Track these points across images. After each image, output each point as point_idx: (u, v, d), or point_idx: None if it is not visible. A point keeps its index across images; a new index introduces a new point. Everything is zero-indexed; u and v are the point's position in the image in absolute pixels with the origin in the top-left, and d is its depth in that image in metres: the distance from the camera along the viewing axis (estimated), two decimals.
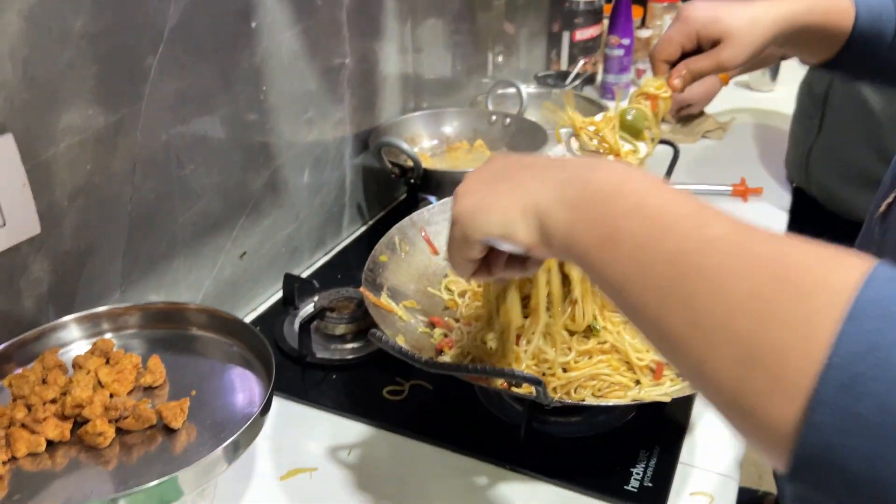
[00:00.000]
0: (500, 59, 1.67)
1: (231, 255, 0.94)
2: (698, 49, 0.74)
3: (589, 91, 1.83)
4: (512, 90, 1.43)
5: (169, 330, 0.72)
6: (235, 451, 0.59)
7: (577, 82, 1.71)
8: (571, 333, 0.73)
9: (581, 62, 1.77)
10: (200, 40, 0.81)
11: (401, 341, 0.72)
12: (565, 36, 1.79)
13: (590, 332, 0.73)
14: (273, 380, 0.64)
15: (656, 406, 0.62)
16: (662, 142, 0.91)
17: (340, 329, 0.90)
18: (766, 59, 1.59)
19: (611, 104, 1.47)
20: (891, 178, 0.66)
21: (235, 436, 0.57)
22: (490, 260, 0.52)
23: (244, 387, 0.67)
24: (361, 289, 0.77)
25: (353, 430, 0.78)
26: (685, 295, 0.34)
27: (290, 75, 0.97)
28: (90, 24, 0.67)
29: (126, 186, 0.76)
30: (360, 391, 0.83)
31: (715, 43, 0.73)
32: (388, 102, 1.23)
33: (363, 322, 0.89)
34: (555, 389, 0.71)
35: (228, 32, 0.85)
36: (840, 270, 0.31)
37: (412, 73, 1.29)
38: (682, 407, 0.78)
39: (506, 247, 0.46)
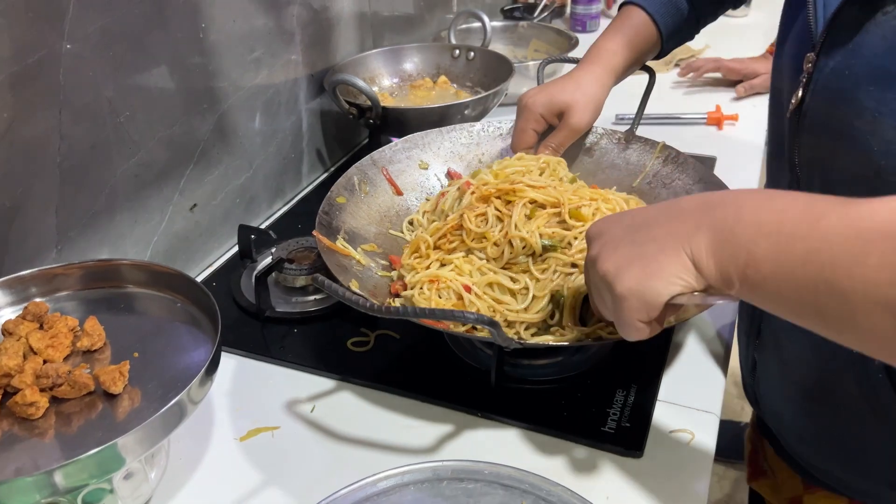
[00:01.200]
0: None
1: (180, 208, 0.88)
2: (550, 127, 0.87)
3: (558, 24, 1.76)
4: (476, 24, 1.36)
5: (107, 290, 0.67)
6: (181, 413, 0.54)
7: (545, 14, 1.64)
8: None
9: None
10: None
11: (354, 286, 0.68)
12: None
13: (548, 251, 0.69)
14: (219, 335, 0.59)
15: (633, 343, 0.59)
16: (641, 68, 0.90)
17: (301, 281, 0.85)
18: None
19: (581, 36, 1.40)
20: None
21: (178, 397, 0.53)
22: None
23: (191, 345, 0.62)
24: (314, 232, 0.72)
25: (316, 386, 0.74)
26: (829, 286, 0.39)
27: (232, 10, 0.90)
28: None
29: (52, 135, 0.70)
30: (323, 344, 0.78)
31: (560, 115, 0.85)
32: (343, 40, 1.16)
33: (325, 272, 0.84)
34: (517, 332, 0.67)
35: None
36: None
37: (369, 9, 1.21)
38: (659, 343, 0.75)
39: (683, 300, 0.49)
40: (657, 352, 0.75)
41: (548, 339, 0.66)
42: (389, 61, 1.22)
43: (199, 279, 0.90)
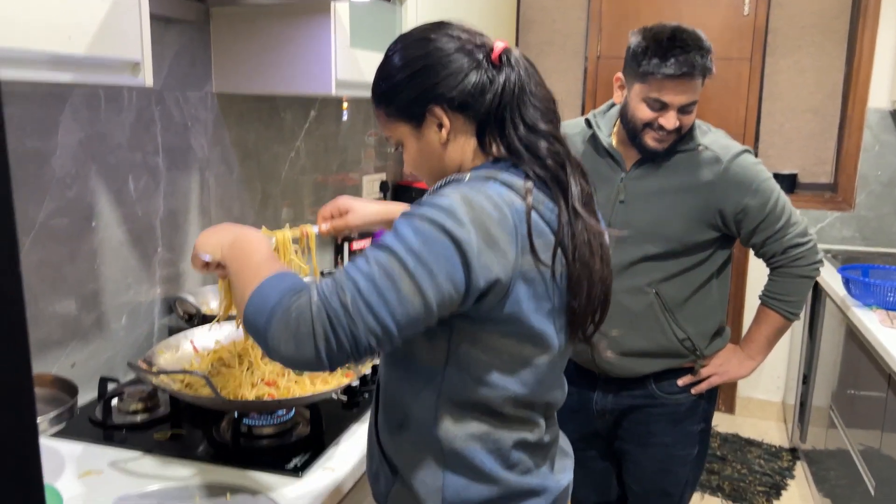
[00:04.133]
0: None
1: (64, 364, 1.47)
2: (340, 215, 1.36)
3: None
4: None
5: None
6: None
7: None
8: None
9: None
10: (57, 231, 1.41)
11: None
12: None
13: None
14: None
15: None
16: None
17: (133, 406, 1.43)
18: None
19: None
20: None
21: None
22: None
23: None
24: (132, 364, 1.32)
25: (130, 454, 1.29)
26: (239, 291, 0.95)
27: (119, 256, 1.58)
28: None
29: None
30: (139, 437, 1.35)
31: (344, 213, 1.35)
32: (191, 275, 1.85)
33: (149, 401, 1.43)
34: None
35: (73, 226, 1.46)
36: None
37: None
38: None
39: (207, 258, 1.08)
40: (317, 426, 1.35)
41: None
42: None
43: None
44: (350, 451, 1.32)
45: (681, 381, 1.68)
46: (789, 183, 3.36)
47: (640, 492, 1.77)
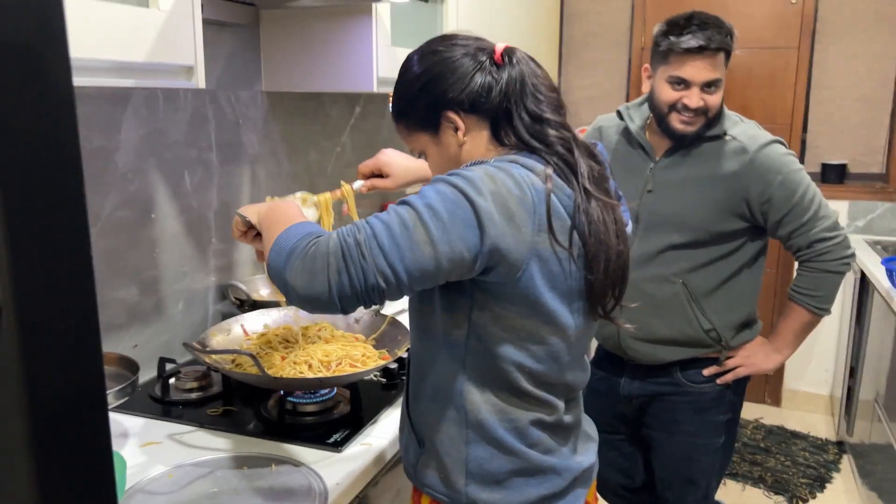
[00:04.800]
0: None
1: (126, 345, 1.59)
2: (381, 174, 1.43)
3: None
4: None
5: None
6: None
7: None
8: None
9: None
10: (121, 222, 1.53)
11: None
12: None
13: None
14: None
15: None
16: None
17: (189, 384, 1.54)
18: None
19: None
20: None
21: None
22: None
23: None
24: (188, 345, 1.43)
25: (185, 427, 1.40)
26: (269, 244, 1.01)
27: (176, 246, 1.70)
28: None
29: None
30: (193, 413, 1.46)
31: (385, 176, 1.42)
32: (243, 263, 1.96)
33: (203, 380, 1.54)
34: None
35: (134, 218, 1.58)
36: None
37: None
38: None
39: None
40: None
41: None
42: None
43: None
44: (387, 428, 1.40)
45: (706, 371, 1.71)
46: (838, 173, 3.31)
47: (665, 478, 1.81)
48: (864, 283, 2.89)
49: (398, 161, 1.43)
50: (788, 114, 3.37)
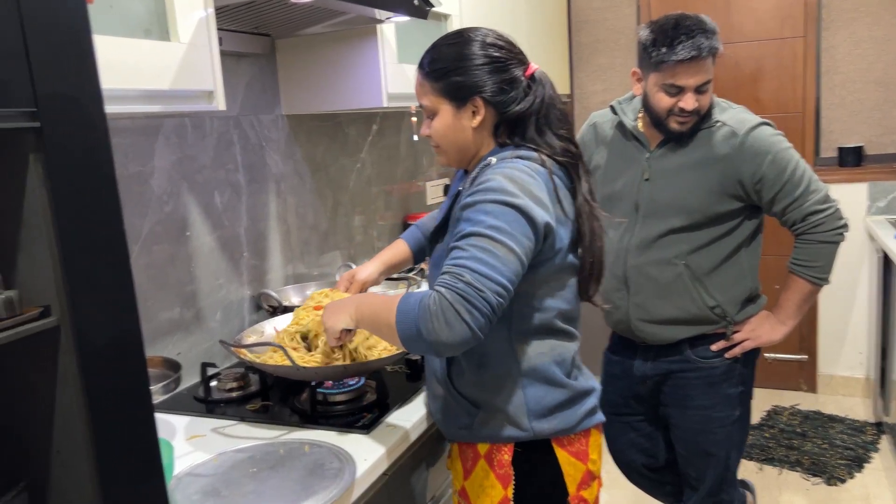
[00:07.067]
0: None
1: (171, 353, 1.73)
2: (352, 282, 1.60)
3: None
4: None
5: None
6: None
7: None
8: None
9: None
10: (159, 239, 1.68)
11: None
12: None
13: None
14: None
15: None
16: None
17: (229, 385, 1.67)
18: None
19: None
20: None
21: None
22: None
23: None
24: (224, 342, 1.56)
25: (228, 422, 1.52)
26: (381, 323, 1.19)
27: (211, 261, 1.84)
28: None
29: None
30: (234, 409, 1.58)
31: (356, 282, 1.59)
32: (274, 274, 2.09)
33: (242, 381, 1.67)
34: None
35: (171, 236, 1.73)
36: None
37: (292, 248, 2.16)
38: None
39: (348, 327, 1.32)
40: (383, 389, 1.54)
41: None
42: (299, 291, 2.13)
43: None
44: (411, 413, 1.51)
45: (714, 347, 1.78)
46: (855, 156, 3.33)
47: (684, 453, 1.88)
48: (888, 264, 2.91)
49: (361, 270, 1.60)
50: (800, 102, 3.41)
